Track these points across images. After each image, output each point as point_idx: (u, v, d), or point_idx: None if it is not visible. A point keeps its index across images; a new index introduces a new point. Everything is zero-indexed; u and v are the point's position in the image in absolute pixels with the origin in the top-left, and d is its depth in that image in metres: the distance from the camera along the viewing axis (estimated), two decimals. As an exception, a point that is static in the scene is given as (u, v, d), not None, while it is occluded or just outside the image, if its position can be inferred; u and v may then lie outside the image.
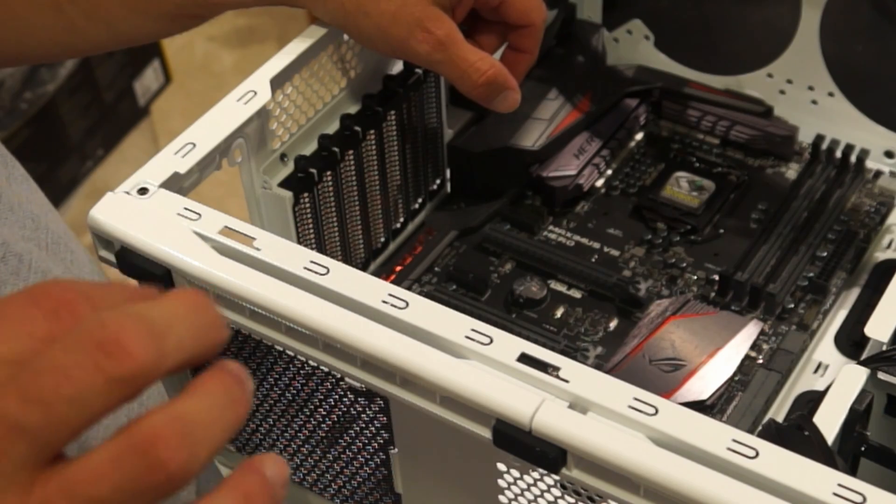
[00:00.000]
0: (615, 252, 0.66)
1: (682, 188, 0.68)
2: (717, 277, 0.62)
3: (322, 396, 0.49)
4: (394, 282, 0.63)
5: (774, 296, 0.61)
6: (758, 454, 0.38)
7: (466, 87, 0.57)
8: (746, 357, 0.58)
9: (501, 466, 0.44)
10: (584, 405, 0.40)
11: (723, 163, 0.70)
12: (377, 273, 0.64)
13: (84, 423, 0.27)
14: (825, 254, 0.64)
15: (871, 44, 0.66)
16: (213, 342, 0.30)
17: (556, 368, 0.41)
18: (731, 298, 0.62)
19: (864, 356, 0.47)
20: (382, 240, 0.65)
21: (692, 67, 0.73)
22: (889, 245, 0.65)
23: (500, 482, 0.45)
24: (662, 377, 0.56)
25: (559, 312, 0.62)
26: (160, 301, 0.29)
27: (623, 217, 0.68)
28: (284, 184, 0.57)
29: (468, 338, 0.42)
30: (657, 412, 0.39)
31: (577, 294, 0.63)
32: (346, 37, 0.59)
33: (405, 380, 0.43)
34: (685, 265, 0.64)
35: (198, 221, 0.47)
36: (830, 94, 0.69)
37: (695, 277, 0.64)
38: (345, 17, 0.56)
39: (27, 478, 0.27)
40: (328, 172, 0.58)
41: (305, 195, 0.57)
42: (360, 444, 0.50)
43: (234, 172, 0.56)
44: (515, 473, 0.44)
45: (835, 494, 0.37)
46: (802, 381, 0.59)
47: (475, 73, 0.57)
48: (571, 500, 0.43)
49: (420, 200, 0.67)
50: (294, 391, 0.50)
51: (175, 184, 0.50)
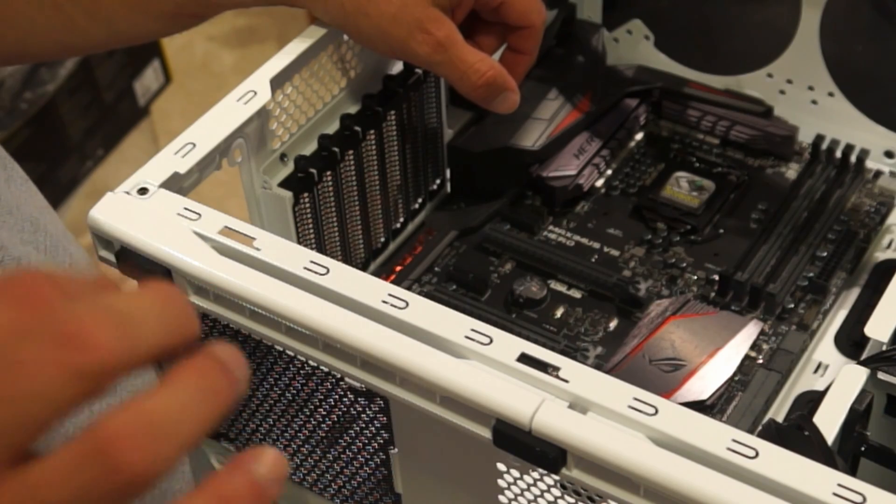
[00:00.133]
0: (615, 252, 0.66)
1: (682, 188, 0.68)
2: (717, 277, 0.62)
3: (322, 396, 0.49)
4: (394, 282, 0.63)
5: (774, 296, 0.61)
6: (758, 454, 0.38)
7: (466, 89, 0.57)
8: (746, 357, 0.58)
9: (501, 466, 0.44)
10: (584, 405, 0.40)
11: (723, 163, 0.70)
12: (377, 273, 0.64)
13: (48, 420, 0.26)
14: (825, 254, 0.64)
15: (871, 44, 0.66)
16: (185, 335, 0.29)
17: (556, 368, 0.41)
18: (731, 298, 0.62)
19: (864, 356, 0.47)
20: (382, 240, 0.65)
21: (692, 67, 0.73)
22: (889, 245, 0.65)
23: (500, 482, 0.45)
24: (662, 377, 0.56)
25: (559, 312, 0.62)
26: (131, 293, 0.28)
27: (623, 217, 0.68)
28: (284, 184, 0.57)
29: (468, 338, 0.42)
30: (657, 412, 0.39)
31: (577, 294, 0.63)
32: (346, 37, 0.59)
33: (405, 380, 0.43)
34: (685, 265, 0.64)
35: (198, 221, 0.47)
36: (830, 94, 0.69)
37: (695, 277, 0.64)
38: (344, 18, 0.56)
39: None
40: (328, 172, 0.58)
41: (305, 195, 0.57)
42: (360, 444, 0.50)
43: (234, 172, 0.56)
44: (515, 473, 0.44)
45: (835, 494, 0.37)
46: (802, 381, 0.59)
47: (474, 75, 0.57)
48: (571, 500, 0.43)
49: (420, 200, 0.67)
50: (294, 391, 0.50)
51: (175, 184, 0.50)
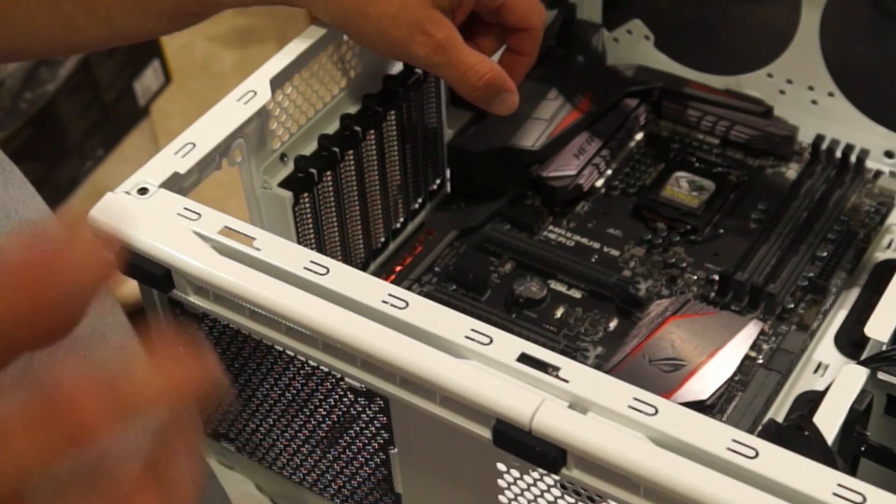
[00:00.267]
0: (615, 252, 0.66)
1: (682, 188, 0.68)
2: (717, 277, 0.62)
3: (322, 396, 0.49)
4: (394, 282, 0.63)
5: (774, 296, 0.61)
6: (758, 454, 0.38)
7: (465, 90, 0.57)
8: (746, 357, 0.58)
9: (501, 466, 0.44)
10: (584, 405, 0.40)
11: (723, 163, 0.70)
12: (377, 273, 0.64)
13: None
14: (825, 254, 0.64)
15: (871, 44, 0.66)
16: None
17: (556, 368, 0.41)
18: (731, 298, 0.62)
19: (864, 356, 0.47)
20: (382, 240, 0.65)
21: (692, 67, 0.73)
22: (889, 245, 0.65)
23: (500, 482, 0.45)
24: (662, 377, 0.56)
25: (559, 312, 0.62)
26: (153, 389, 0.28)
27: (623, 217, 0.68)
28: (284, 184, 0.57)
29: (468, 338, 0.42)
30: (657, 412, 0.39)
31: (577, 294, 0.63)
32: (346, 37, 0.59)
33: (405, 380, 0.43)
34: (685, 265, 0.64)
35: (198, 221, 0.47)
36: (830, 94, 0.69)
37: (695, 277, 0.64)
38: (344, 18, 0.56)
39: None
40: (328, 172, 0.58)
41: (305, 195, 0.57)
42: (360, 444, 0.50)
43: (234, 172, 0.56)
44: (515, 473, 0.44)
45: (835, 494, 0.37)
46: (802, 381, 0.59)
47: (474, 76, 0.57)
48: (571, 500, 0.43)
49: (420, 200, 0.67)
50: (294, 391, 0.50)
51: (175, 184, 0.50)
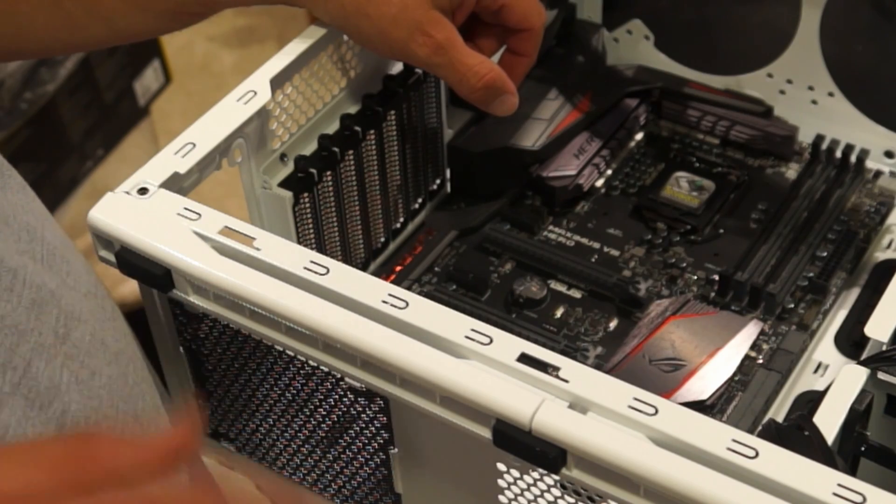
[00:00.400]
0: (615, 252, 0.66)
1: (682, 188, 0.68)
2: (717, 277, 0.62)
3: (322, 396, 0.49)
4: (394, 282, 0.63)
5: (774, 296, 0.61)
6: (758, 454, 0.38)
7: (465, 91, 0.57)
8: (746, 357, 0.58)
9: (501, 466, 0.44)
10: (584, 405, 0.40)
11: (723, 163, 0.70)
12: (377, 273, 0.64)
13: None
14: (825, 254, 0.64)
15: (871, 44, 0.66)
16: None
17: (556, 368, 0.41)
18: (731, 298, 0.62)
19: (864, 356, 0.47)
20: (382, 240, 0.65)
21: (692, 67, 0.73)
22: (889, 245, 0.65)
23: (500, 482, 0.45)
24: (662, 377, 0.56)
25: (559, 312, 0.62)
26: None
27: (623, 217, 0.68)
28: (284, 184, 0.57)
29: (468, 338, 0.42)
30: (657, 412, 0.39)
31: (577, 294, 0.63)
32: (346, 37, 0.59)
33: (405, 380, 0.43)
34: (685, 265, 0.64)
35: (198, 221, 0.47)
36: (830, 94, 0.69)
37: (695, 277, 0.64)
38: (345, 19, 0.56)
39: None
40: (328, 172, 0.58)
41: (305, 195, 0.57)
42: (360, 444, 0.50)
43: (234, 172, 0.56)
44: (515, 473, 0.44)
45: (835, 494, 0.37)
46: (802, 381, 0.59)
47: (474, 77, 0.57)
48: (571, 500, 0.43)
49: (420, 200, 0.67)
50: (294, 391, 0.50)
51: (175, 184, 0.50)
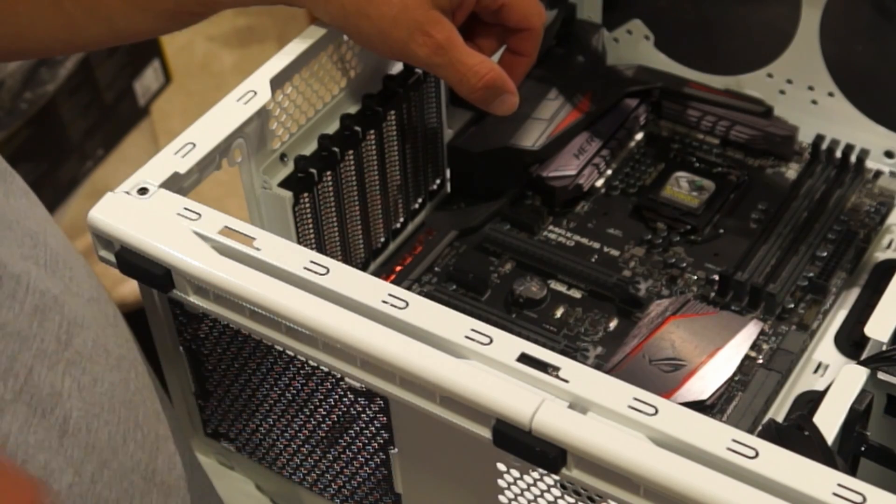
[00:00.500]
0: (615, 252, 0.66)
1: (682, 188, 0.68)
2: (717, 277, 0.62)
3: (322, 396, 0.49)
4: (394, 282, 0.63)
5: (774, 296, 0.61)
6: (758, 454, 0.38)
7: (465, 91, 0.57)
8: (746, 357, 0.58)
9: (501, 466, 0.44)
10: (584, 405, 0.40)
11: (723, 163, 0.70)
12: (377, 273, 0.64)
13: None
14: (825, 254, 0.64)
15: (871, 44, 0.66)
16: None
17: (556, 368, 0.41)
18: (731, 298, 0.62)
19: (864, 356, 0.47)
20: (382, 240, 0.65)
21: (692, 67, 0.73)
22: (889, 245, 0.65)
23: (500, 482, 0.45)
24: (662, 377, 0.56)
25: (559, 312, 0.62)
26: None
27: (623, 217, 0.68)
28: (284, 184, 0.57)
29: (468, 338, 0.42)
30: (657, 412, 0.39)
31: (577, 294, 0.63)
32: (346, 37, 0.59)
33: (405, 380, 0.43)
34: (685, 265, 0.64)
35: (198, 221, 0.47)
36: (830, 94, 0.69)
37: (695, 277, 0.64)
38: (345, 19, 0.56)
39: None
40: (328, 172, 0.58)
41: (305, 195, 0.57)
42: (360, 444, 0.50)
43: (234, 172, 0.56)
44: (515, 473, 0.44)
45: (835, 494, 0.37)
46: (802, 381, 0.59)
47: (474, 77, 0.57)
48: (571, 500, 0.43)
49: (420, 200, 0.67)
50: (294, 391, 0.50)
51: (175, 184, 0.50)
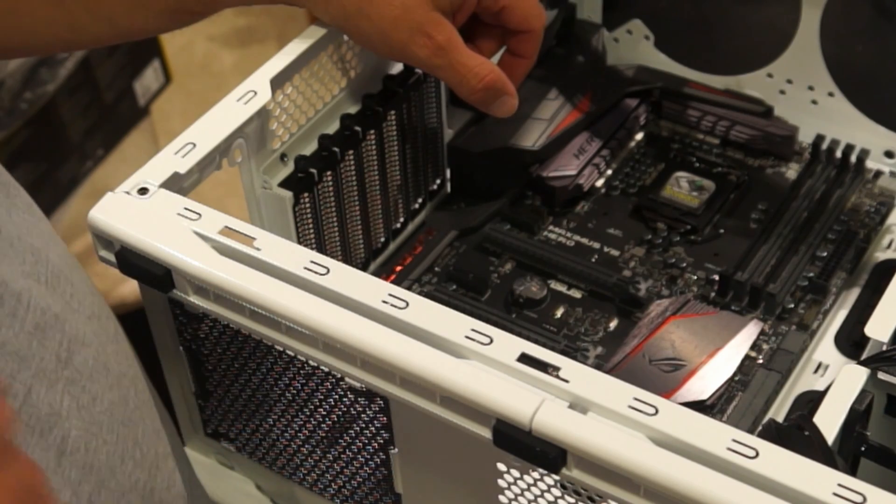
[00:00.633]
0: (615, 252, 0.66)
1: (682, 188, 0.68)
2: (717, 277, 0.62)
3: (322, 396, 0.49)
4: (394, 282, 0.63)
5: (774, 296, 0.61)
6: (758, 454, 0.38)
7: (465, 92, 0.57)
8: (746, 357, 0.58)
9: (501, 466, 0.44)
10: (584, 405, 0.40)
11: (723, 163, 0.70)
12: (377, 273, 0.64)
13: None
14: (825, 254, 0.64)
15: (871, 44, 0.66)
16: None
17: (556, 368, 0.41)
18: (731, 298, 0.62)
19: (864, 356, 0.47)
20: (382, 240, 0.65)
21: (692, 67, 0.73)
22: (889, 245, 0.65)
23: (500, 482, 0.45)
24: (662, 377, 0.56)
25: (559, 312, 0.62)
26: None
27: (623, 217, 0.68)
28: (284, 184, 0.57)
29: (468, 338, 0.42)
30: (657, 412, 0.39)
31: (577, 294, 0.63)
32: (346, 37, 0.59)
33: (405, 380, 0.43)
34: (685, 265, 0.64)
35: (198, 221, 0.47)
36: (830, 94, 0.69)
37: (695, 277, 0.64)
38: (345, 19, 0.56)
39: None
40: (328, 172, 0.58)
41: (305, 195, 0.57)
42: (360, 444, 0.50)
43: (234, 172, 0.56)
44: (515, 473, 0.44)
45: (835, 494, 0.37)
46: (802, 381, 0.59)
47: (474, 79, 0.57)
48: (571, 500, 0.43)
49: (420, 200, 0.67)
50: (294, 391, 0.50)
51: (175, 184, 0.50)
